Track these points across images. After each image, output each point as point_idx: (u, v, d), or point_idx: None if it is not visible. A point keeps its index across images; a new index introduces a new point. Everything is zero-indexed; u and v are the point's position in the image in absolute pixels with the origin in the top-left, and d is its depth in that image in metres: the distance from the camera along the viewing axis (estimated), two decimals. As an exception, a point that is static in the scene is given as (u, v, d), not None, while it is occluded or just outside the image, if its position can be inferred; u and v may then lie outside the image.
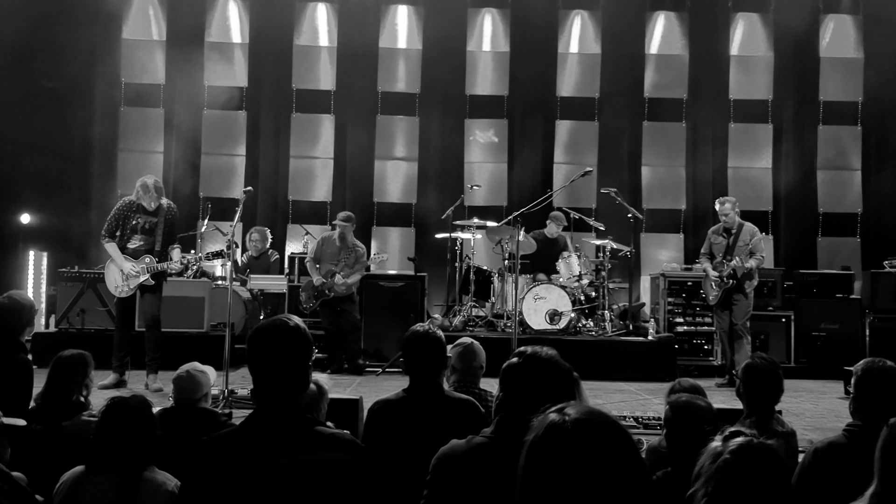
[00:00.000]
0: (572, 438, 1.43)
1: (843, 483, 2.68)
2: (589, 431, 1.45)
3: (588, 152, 11.48)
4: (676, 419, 3.32)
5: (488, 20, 11.67)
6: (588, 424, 1.45)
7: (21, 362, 4.60)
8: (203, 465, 2.31)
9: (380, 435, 3.53)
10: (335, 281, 8.63)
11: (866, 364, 3.46)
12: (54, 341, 7.88)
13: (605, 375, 8.36)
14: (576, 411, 1.48)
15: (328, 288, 8.67)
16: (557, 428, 1.45)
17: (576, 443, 1.43)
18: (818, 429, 5.89)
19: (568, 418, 1.46)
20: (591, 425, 1.45)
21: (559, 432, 1.44)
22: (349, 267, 8.76)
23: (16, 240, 10.54)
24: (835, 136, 11.64)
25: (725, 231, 8.53)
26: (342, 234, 8.82)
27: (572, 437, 1.43)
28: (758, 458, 2.19)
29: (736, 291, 8.32)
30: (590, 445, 1.43)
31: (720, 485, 2.16)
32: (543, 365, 2.59)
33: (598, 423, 1.46)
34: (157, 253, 7.33)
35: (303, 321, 2.47)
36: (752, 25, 11.69)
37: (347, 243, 8.85)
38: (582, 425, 1.45)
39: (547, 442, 1.44)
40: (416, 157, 11.67)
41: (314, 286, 8.74)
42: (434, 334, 3.76)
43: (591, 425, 1.45)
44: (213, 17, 11.54)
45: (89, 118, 11.33)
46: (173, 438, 3.58)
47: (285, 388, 2.37)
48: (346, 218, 8.90)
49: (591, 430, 1.45)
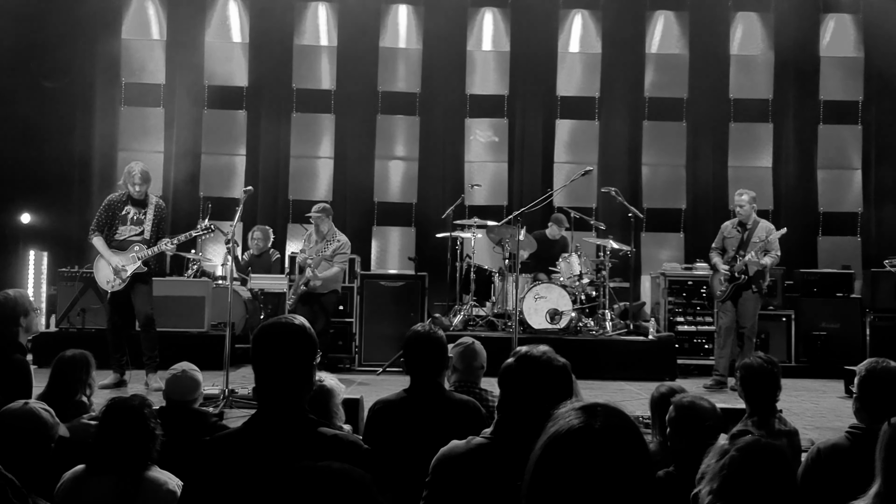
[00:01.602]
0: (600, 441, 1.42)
1: (846, 484, 2.68)
2: (616, 435, 1.43)
3: (588, 152, 11.47)
4: (680, 419, 3.32)
5: (488, 19, 11.66)
6: (616, 430, 1.44)
7: (17, 362, 4.57)
8: (206, 466, 2.31)
9: (380, 435, 3.53)
10: (306, 275, 8.31)
11: (870, 365, 3.45)
12: (55, 341, 7.84)
13: (605, 375, 8.37)
14: (605, 414, 1.46)
15: (303, 283, 8.34)
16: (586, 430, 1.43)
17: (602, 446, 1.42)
18: (818, 428, 5.89)
19: (598, 423, 1.44)
20: (618, 430, 1.44)
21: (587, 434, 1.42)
22: (326, 260, 8.42)
23: (16, 240, 10.54)
24: (835, 136, 11.63)
25: (740, 225, 8.23)
26: (316, 225, 8.57)
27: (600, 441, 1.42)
28: (765, 456, 2.19)
29: (746, 288, 8.04)
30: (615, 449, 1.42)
31: (727, 481, 2.16)
32: (537, 364, 2.59)
33: (624, 426, 1.45)
34: (146, 242, 7.27)
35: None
36: (753, 25, 11.68)
37: (323, 234, 8.54)
38: (611, 430, 1.43)
39: (572, 442, 1.42)
40: (417, 157, 11.66)
41: (296, 283, 8.48)
42: (435, 334, 3.76)
43: (619, 430, 1.44)
44: (213, 16, 11.53)
45: (89, 118, 11.32)
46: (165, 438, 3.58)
47: (289, 388, 2.37)
48: (319, 209, 8.64)
49: (618, 434, 1.43)
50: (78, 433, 3.93)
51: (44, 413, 3.18)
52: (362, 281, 9.24)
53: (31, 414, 3.14)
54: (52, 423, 3.19)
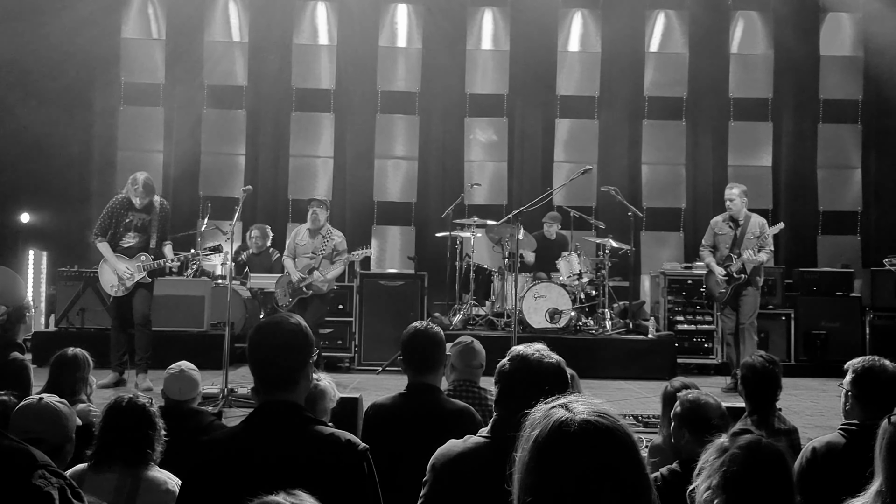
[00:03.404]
0: (579, 438, 1.42)
1: (843, 482, 2.68)
2: (595, 432, 1.43)
3: (588, 151, 11.47)
4: (686, 416, 3.31)
5: (488, 18, 11.66)
6: (594, 425, 1.44)
7: (15, 361, 4.59)
8: (204, 465, 2.31)
9: (375, 438, 3.53)
10: (313, 277, 7.92)
11: (866, 363, 3.45)
12: (54, 340, 7.85)
13: (605, 374, 8.37)
14: (583, 409, 1.47)
15: (306, 285, 7.97)
16: (564, 426, 1.43)
17: (582, 443, 1.42)
18: (818, 426, 5.89)
19: (575, 419, 1.44)
20: (597, 426, 1.44)
21: (565, 431, 1.43)
22: (328, 259, 8.04)
23: (16, 239, 10.54)
24: (835, 135, 11.63)
25: (732, 220, 7.99)
26: (315, 215, 8.08)
27: (579, 437, 1.42)
28: (765, 454, 2.20)
29: (745, 286, 7.86)
30: (596, 446, 1.42)
31: (726, 478, 2.17)
32: (531, 363, 2.59)
33: (604, 424, 1.45)
34: (151, 250, 7.30)
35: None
36: (752, 23, 11.68)
37: (318, 227, 8.10)
38: (589, 425, 1.43)
39: (552, 440, 1.42)
40: (416, 156, 11.65)
41: (291, 283, 8.08)
42: (432, 332, 3.75)
43: (597, 426, 1.44)
44: (212, 15, 11.53)
45: (89, 117, 11.32)
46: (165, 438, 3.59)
47: (286, 386, 2.37)
48: (321, 198, 8.29)
49: (597, 431, 1.43)
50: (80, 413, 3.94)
51: (61, 406, 3.18)
52: (362, 280, 9.24)
53: (49, 409, 3.14)
54: (68, 414, 3.20)
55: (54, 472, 2.42)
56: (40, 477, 2.34)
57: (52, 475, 2.38)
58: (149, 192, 7.30)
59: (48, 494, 2.30)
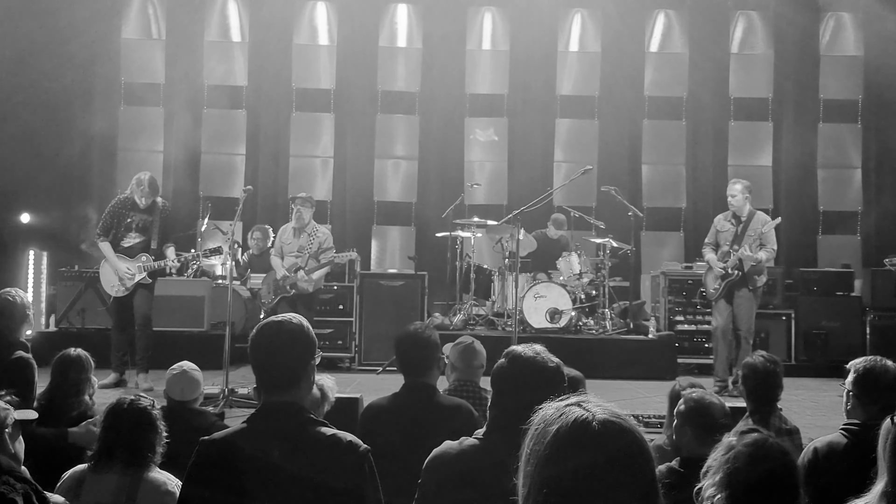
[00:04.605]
0: (601, 436, 1.43)
1: (844, 482, 2.68)
2: (617, 431, 1.45)
3: (588, 151, 11.46)
4: (689, 414, 3.31)
5: (488, 18, 11.66)
6: (616, 424, 1.45)
7: (20, 359, 4.59)
8: (205, 465, 2.30)
9: (372, 438, 3.53)
10: (297, 277, 7.77)
11: (867, 363, 3.45)
12: (54, 341, 7.85)
13: (605, 374, 8.34)
14: (599, 409, 1.48)
15: (290, 284, 7.82)
16: (585, 422, 1.44)
17: (605, 439, 1.43)
18: (819, 426, 5.88)
19: (597, 417, 1.45)
20: (618, 425, 1.45)
21: (588, 427, 1.44)
22: (314, 258, 7.88)
23: (16, 240, 10.52)
24: (835, 134, 11.63)
25: (734, 217, 7.75)
26: (300, 213, 7.91)
27: (601, 435, 1.43)
28: (772, 453, 2.21)
29: (740, 286, 7.58)
30: (617, 444, 1.44)
31: (731, 475, 2.17)
32: (529, 364, 2.58)
33: (622, 425, 1.47)
34: (153, 251, 7.32)
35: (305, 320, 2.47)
36: (753, 23, 11.68)
37: (303, 224, 7.94)
38: (611, 424, 1.45)
39: (575, 435, 1.43)
40: (416, 156, 11.65)
41: (275, 280, 7.97)
42: (424, 334, 3.75)
43: (618, 426, 1.46)
44: (212, 15, 11.53)
45: (89, 118, 11.30)
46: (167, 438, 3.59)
47: (287, 387, 2.36)
48: (306, 196, 8.14)
49: (618, 430, 1.45)
50: (82, 439, 3.94)
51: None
52: (362, 280, 9.23)
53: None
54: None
55: (19, 477, 2.42)
56: (4, 483, 2.34)
57: (16, 481, 2.38)
58: (154, 191, 7.36)
59: (12, 501, 2.30)
